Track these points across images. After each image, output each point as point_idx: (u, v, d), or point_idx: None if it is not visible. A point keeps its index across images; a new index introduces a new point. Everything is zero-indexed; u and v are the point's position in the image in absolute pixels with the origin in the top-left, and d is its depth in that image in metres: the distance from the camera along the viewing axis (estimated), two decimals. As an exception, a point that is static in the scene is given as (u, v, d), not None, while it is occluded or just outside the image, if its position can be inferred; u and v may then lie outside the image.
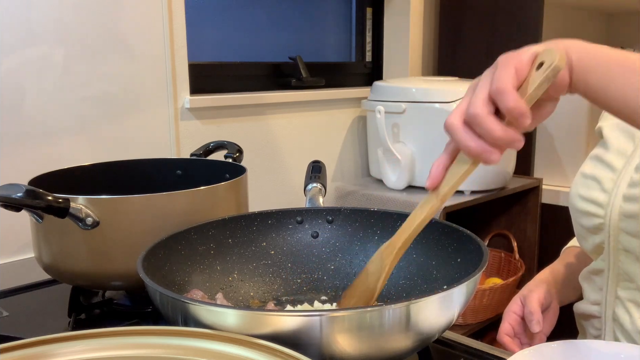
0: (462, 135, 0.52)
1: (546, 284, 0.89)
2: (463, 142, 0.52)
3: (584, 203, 0.83)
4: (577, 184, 0.85)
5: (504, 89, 0.49)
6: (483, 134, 0.51)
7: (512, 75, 0.50)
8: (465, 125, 0.52)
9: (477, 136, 0.51)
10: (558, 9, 2.15)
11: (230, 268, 0.79)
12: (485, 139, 0.51)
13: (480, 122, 0.50)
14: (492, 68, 0.53)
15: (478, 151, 0.51)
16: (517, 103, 0.49)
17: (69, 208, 0.73)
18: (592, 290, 0.85)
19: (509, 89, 0.49)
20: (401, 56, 2.00)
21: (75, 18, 1.18)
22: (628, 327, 0.78)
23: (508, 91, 0.49)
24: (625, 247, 0.77)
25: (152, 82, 1.32)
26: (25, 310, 0.88)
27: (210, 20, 1.66)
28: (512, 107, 0.49)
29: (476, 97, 0.51)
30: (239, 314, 0.54)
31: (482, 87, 0.52)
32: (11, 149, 1.12)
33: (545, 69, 0.51)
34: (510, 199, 1.83)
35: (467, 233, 0.72)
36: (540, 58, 0.52)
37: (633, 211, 0.74)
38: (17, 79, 1.12)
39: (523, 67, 0.51)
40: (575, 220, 0.86)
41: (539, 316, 0.83)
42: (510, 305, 0.89)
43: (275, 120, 1.63)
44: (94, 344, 0.54)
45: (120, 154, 1.22)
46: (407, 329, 0.55)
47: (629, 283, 0.78)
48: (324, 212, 0.84)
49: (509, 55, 0.53)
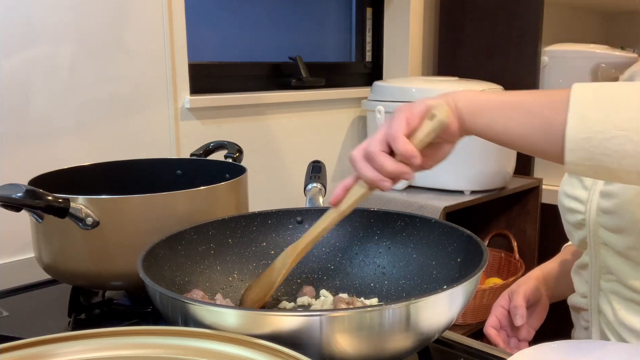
0: (361, 166, 0.63)
1: (535, 281, 0.94)
2: (361, 172, 0.63)
3: (568, 200, 0.86)
4: (564, 182, 0.89)
5: (395, 135, 0.61)
6: (377, 167, 0.62)
7: (403, 124, 0.61)
8: (364, 159, 0.63)
9: (373, 168, 0.62)
10: (558, 9, 2.15)
11: (230, 268, 0.79)
12: (379, 172, 0.62)
13: (374, 158, 0.62)
14: (391, 117, 0.63)
15: (373, 180, 0.62)
16: (405, 147, 0.60)
17: (69, 208, 0.73)
18: (580, 283, 0.88)
19: (399, 135, 0.60)
20: (401, 56, 2.01)
21: (75, 18, 1.18)
22: (611, 318, 0.81)
23: (398, 137, 0.60)
24: (604, 241, 0.80)
25: (152, 82, 1.32)
26: (25, 310, 0.88)
27: (210, 20, 1.66)
28: (401, 150, 0.60)
29: (374, 139, 0.62)
30: (239, 314, 0.54)
31: (380, 132, 0.62)
32: (11, 149, 1.12)
33: (433, 122, 0.62)
34: (510, 199, 1.83)
35: (467, 233, 0.72)
36: (434, 110, 0.62)
37: (609, 207, 0.77)
38: (17, 79, 1.12)
39: (414, 118, 0.62)
40: (562, 217, 0.90)
41: (523, 310, 0.88)
42: (498, 300, 0.94)
43: (275, 120, 1.63)
44: (94, 344, 0.54)
45: (120, 154, 1.22)
46: (407, 329, 0.55)
47: (610, 275, 0.81)
48: (324, 212, 0.84)
49: (403, 107, 0.63)
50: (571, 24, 2.34)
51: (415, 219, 0.80)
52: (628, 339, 0.78)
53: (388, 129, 0.61)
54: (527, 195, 1.82)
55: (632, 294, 0.77)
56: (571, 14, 2.33)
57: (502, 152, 1.65)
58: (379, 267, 0.81)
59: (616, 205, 0.76)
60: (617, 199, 0.76)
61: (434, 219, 0.78)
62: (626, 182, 0.59)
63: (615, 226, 0.77)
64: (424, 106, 0.63)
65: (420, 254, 0.78)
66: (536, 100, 0.61)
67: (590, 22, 2.47)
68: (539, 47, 1.81)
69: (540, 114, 0.60)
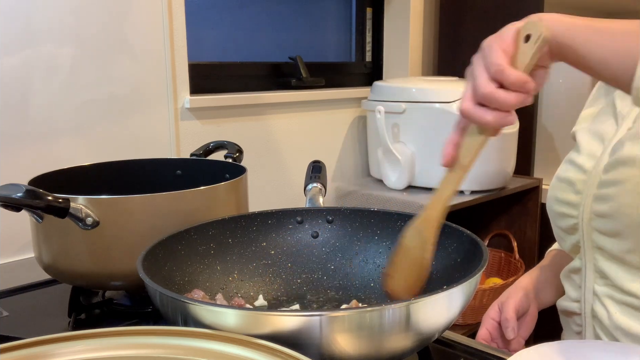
0: (481, 113, 0.58)
1: (524, 290, 0.93)
2: (483, 118, 0.58)
3: (559, 205, 0.85)
4: (554, 187, 0.88)
5: (502, 69, 0.56)
6: (500, 105, 0.57)
7: (501, 55, 0.57)
8: (478, 105, 0.58)
9: (494, 110, 0.57)
10: (558, 9, 2.14)
11: (230, 268, 0.79)
12: (501, 109, 0.57)
13: (495, 97, 0.57)
14: (479, 54, 0.59)
15: (497, 121, 0.57)
16: (518, 77, 0.56)
17: (69, 208, 0.73)
18: (572, 288, 0.88)
19: (506, 67, 0.56)
20: (401, 56, 2.01)
21: (75, 18, 1.18)
22: (606, 322, 0.80)
23: (506, 69, 0.56)
24: (598, 245, 0.79)
25: (152, 82, 1.32)
26: (25, 310, 0.88)
27: (210, 20, 1.66)
28: (515, 80, 0.56)
29: (480, 80, 0.57)
30: (239, 314, 0.54)
31: (480, 72, 0.58)
32: (11, 149, 1.12)
33: (535, 41, 0.57)
34: (510, 199, 1.83)
35: (467, 233, 0.72)
36: (524, 31, 0.58)
37: (603, 211, 0.76)
38: (17, 80, 1.12)
39: (508, 45, 0.58)
40: (553, 223, 0.89)
41: (514, 323, 0.88)
42: (488, 311, 0.93)
43: (275, 120, 1.63)
44: (94, 344, 0.54)
45: (120, 154, 1.22)
46: (407, 329, 0.55)
47: (605, 279, 0.80)
48: (324, 212, 0.84)
49: (492, 39, 0.59)
50: (571, 24, 2.34)
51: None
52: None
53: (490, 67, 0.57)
54: (527, 195, 1.82)
55: (629, 297, 0.77)
56: (571, 14, 2.33)
57: (502, 152, 1.66)
58: (379, 267, 0.81)
59: (612, 209, 0.75)
60: (613, 202, 0.75)
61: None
62: None
63: (611, 230, 0.76)
64: (513, 30, 0.59)
65: (420, 254, 0.78)
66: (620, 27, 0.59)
67: (590, 22, 2.47)
68: (539, 47, 1.80)
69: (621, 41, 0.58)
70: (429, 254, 0.67)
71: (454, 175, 0.63)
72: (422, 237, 0.66)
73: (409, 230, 0.68)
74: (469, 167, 0.62)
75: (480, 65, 0.58)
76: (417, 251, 0.67)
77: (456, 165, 0.62)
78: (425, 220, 0.66)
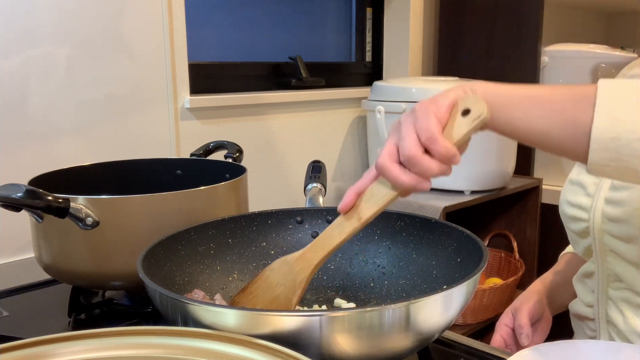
0: (397, 172, 0.56)
1: (537, 295, 0.92)
2: (399, 179, 0.56)
3: (571, 208, 0.84)
4: (566, 190, 0.88)
5: (435, 138, 0.55)
6: (421, 171, 0.56)
7: (435, 123, 0.55)
8: (399, 165, 0.57)
9: (409, 172, 0.56)
10: (558, 9, 2.15)
11: (230, 268, 0.79)
12: (422, 176, 0.56)
13: (419, 162, 0.55)
14: (411, 115, 0.57)
15: (413, 185, 0.57)
16: (448, 149, 0.55)
17: (69, 208, 0.73)
18: (585, 292, 0.86)
19: (439, 136, 0.55)
20: (401, 56, 2.00)
21: (75, 18, 1.18)
22: (622, 327, 0.79)
23: (439, 139, 0.55)
24: (611, 249, 0.78)
25: (152, 82, 1.32)
26: (25, 310, 0.88)
27: (210, 20, 1.66)
28: (444, 152, 0.55)
29: (408, 141, 0.56)
30: (239, 314, 0.54)
31: (409, 132, 0.56)
32: (11, 149, 1.12)
33: (475, 119, 0.56)
34: (510, 199, 1.83)
35: (467, 233, 0.72)
36: (463, 104, 0.56)
37: (615, 214, 0.75)
38: (17, 80, 1.12)
39: (443, 114, 0.56)
40: (566, 226, 0.88)
41: (528, 330, 0.86)
42: (502, 318, 0.92)
43: (275, 120, 1.63)
44: (94, 344, 0.54)
45: (120, 154, 1.22)
46: (407, 329, 0.55)
47: (619, 283, 0.79)
48: (324, 212, 0.84)
49: (426, 103, 0.57)
50: (571, 24, 2.34)
51: (415, 219, 0.80)
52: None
53: (422, 133, 0.55)
54: (527, 195, 1.82)
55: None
56: (571, 14, 2.33)
57: (502, 152, 1.66)
58: (379, 267, 0.81)
59: (625, 214, 0.73)
60: (626, 207, 0.73)
61: (434, 219, 0.78)
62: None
63: (624, 235, 0.74)
64: (450, 100, 0.57)
65: (420, 254, 0.78)
66: (559, 95, 0.57)
67: (590, 22, 2.47)
68: (539, 47, 1.81)
69: (563, 110, 0.56)
70: (297, 298, 0.63)
71: (349, 225, 0.60)
72: (294, 279, 0.63)
73: (279, 265, 0.65)
74: (368, 221, 0.59)
75: (410, 125, 0.56)
76: (285, 291, 0.64)
77: (354, 214, 0.59)
78: (302, 261, 0.63)
